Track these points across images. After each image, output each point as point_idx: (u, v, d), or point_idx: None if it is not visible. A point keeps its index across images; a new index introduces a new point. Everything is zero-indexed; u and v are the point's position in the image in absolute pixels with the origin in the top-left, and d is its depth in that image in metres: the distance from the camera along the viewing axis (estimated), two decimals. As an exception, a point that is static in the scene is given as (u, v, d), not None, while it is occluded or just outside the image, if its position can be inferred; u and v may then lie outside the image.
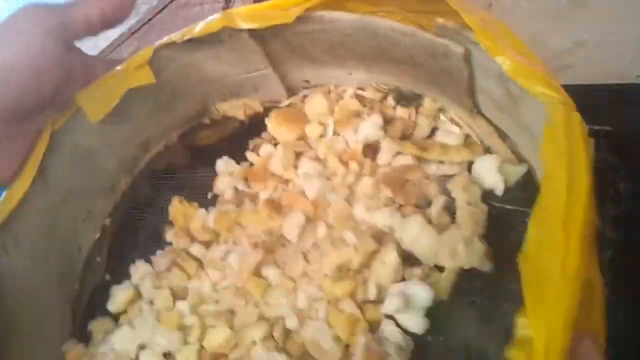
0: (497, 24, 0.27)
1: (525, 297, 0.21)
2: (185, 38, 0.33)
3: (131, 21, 0.40)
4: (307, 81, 0.39)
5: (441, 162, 0.33)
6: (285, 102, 0.39)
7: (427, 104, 0.34)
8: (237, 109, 0.38)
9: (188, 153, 0.40)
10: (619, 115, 0.34)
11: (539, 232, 0.22)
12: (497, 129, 0.31)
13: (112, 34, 0.40)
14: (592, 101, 0.31)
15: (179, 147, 0.40)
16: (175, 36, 0.34)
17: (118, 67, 0.34)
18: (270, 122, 0.38)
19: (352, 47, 0.34)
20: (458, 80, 0.30)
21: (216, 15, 0.34)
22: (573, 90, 0.31)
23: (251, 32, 0.34)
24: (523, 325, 0.21)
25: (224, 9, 0.46)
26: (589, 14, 0.44)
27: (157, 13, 0.39)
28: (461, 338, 0.29)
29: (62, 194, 0.35)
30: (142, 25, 0.39)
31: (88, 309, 0.38)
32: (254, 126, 0.40)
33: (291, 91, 0.39)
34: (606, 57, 0.41)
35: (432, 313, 0.29)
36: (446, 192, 0.32)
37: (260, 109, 0.39)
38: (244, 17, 0.33)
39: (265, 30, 0.33)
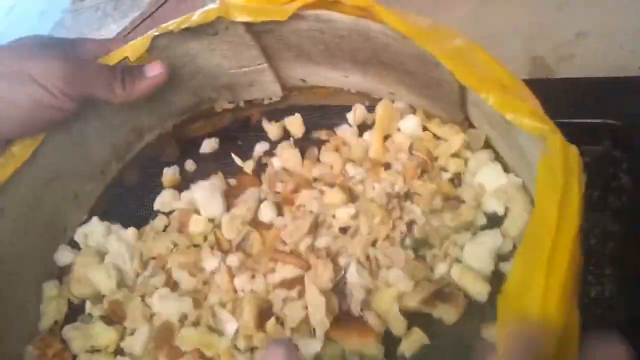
0: (476, 50, 0.25)
1: (499, 336, 0.20)
2: (182, 27, 0.33)
3: (133, 15, 0.40)
4: (303, 80, 0.38)
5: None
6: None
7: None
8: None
9: (179, 144, 0.40)
10: (621, 108, 0.33)
11: (522, 270, 0.20)
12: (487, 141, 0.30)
13: (115, 28, 0.40)
14: (595, 94, 0.31)
15: (172, 137, 0.40)
16: (172, 25, 0.34)
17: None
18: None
19: (346, 49, 0.33)
20: (448, 91, 0.29)
21: (212, 5, 0.33)
22: (576, 83, 0.31)
23: (247, 26, 0.33)
24: None
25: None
26: (592, 5, 0.44)
27: (159, 7, 0.39)
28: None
29: (49, 175, 0.36)
30: (144, 20, 0.39)
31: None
32: (247, 120, 0.40)
33: (287, 89, 0.38)
34: (608, 48, 0.40)
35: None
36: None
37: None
38: (238, 9, 0.32)
39: (261, 26, 0.33)
